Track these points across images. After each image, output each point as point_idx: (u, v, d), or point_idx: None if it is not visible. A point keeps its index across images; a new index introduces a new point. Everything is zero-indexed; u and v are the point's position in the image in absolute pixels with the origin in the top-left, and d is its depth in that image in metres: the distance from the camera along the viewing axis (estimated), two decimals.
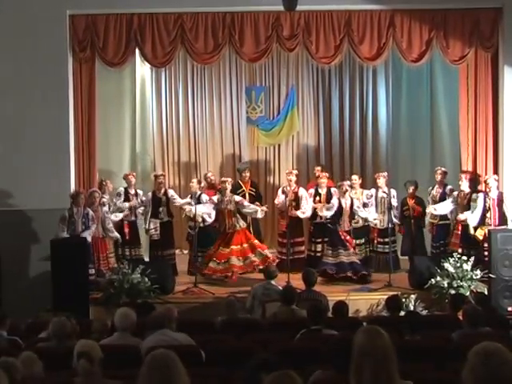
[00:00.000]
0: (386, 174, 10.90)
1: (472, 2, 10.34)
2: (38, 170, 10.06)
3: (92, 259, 9.85)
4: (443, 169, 10.69)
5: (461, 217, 10.06)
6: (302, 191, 10.82)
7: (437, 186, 10.65)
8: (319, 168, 11.66)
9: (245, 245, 10.22)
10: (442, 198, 10.46)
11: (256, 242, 10.38)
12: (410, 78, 12.60)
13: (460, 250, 10.01)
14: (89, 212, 9.80)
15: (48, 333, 6.01)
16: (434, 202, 10.50)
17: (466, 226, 10.12)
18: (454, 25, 10.29)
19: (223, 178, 10.74)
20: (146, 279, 9.22)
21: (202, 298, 9.52)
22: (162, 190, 10.77)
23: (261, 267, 9.91)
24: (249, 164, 12.32)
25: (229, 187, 10.45)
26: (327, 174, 11.13)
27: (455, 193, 10.33)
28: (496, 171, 10.43)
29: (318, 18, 10.30)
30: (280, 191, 10.91)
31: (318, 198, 10.92)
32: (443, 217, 10.49)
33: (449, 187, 10.52)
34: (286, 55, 11.76)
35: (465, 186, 10.22)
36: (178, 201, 10.84)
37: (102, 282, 9.45)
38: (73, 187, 10.12)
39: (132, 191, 10.80)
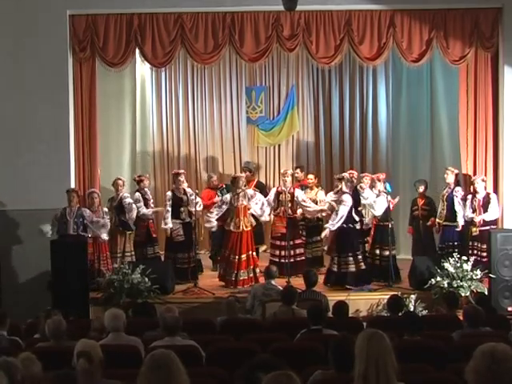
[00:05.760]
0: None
1: (472, 1, 10.34)
2: (37, 170, 10.05)
3: (92, 258, 9.87)
4: (455, 170, 10.39)
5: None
6: (297, 192, 10.48)
7: (447, 186, 10.40)
8: (298, 170, 11.51)
9: (250, 252, 10.04)
10: (450, 200, 10.32)
11: (255, 254, 10.21)
12: (409, 78, 12.59)
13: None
14: (83, 212, 9.75)
15: (40, 334, 6.02)
16: (443, 203, 10.44)
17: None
18: (454, 25, 10.29)
19: (236, 174, 10.52)
20: (146, 279, 9.22)
21: (202, 297, 9.52)
22: (182, 190, 10.48)
23: (246, 287, 9.80)
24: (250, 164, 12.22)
25: (243, 181, 10.25)
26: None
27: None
28: (496, 171, 10.43)
29: (318, 18, 10.29)
30: (273, 190, 10.60)
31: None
32: (449, 218, 10.31)
33: (457, 188, 10.27)
34: (286, 55, 11.75)
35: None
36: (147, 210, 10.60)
37: (102, 281, 9.45)
38: (73, 187, 10.11)
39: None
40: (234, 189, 10.17)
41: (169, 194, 10.53)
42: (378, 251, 10.22)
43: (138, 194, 10.55)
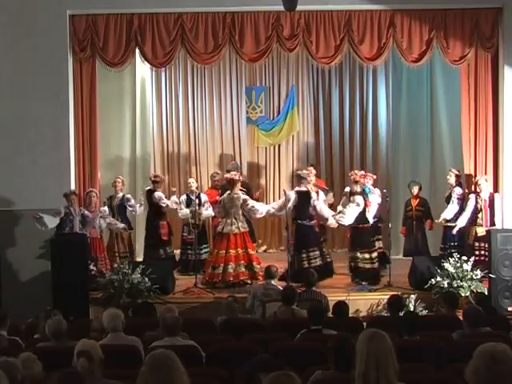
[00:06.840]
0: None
1: (472, 1, 10.34)
2: (38, 170, 10.06)
3: (92, 257, 9.90)
4: (456, 171, 10.39)
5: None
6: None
7: (449, 188, 10.39)
8: (311, 168, 11.39)
9: (240, 250, 9.88)
10: (448, 201, 10.27)
11: (253, 252, 10.10)
12: (409, 78, 12.59)
13: None
14: (84, 212, 9.83)
15: (40, 334, 6.02)
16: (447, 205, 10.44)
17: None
18: (454, 25, 10.29)
19: (232, 175, 10.33)
20: (146, 279, 9.22)
21: (201, 298, 9.52)
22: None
23: (249, 281, 9.73)
24: (237, 165, 12.14)
25: (238, 184, 10.24)
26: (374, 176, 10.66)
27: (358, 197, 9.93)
28: (496, 171, 10.43)
29: (318, 18, 10.29)
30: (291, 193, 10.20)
31: None
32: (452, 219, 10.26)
33: (456, 189, 10.24)
34: (286, 55, 11.76)
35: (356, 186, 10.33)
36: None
37: (103, 282, 9.45)
38: (73, 187, 10.12)
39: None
40: (232, 190, 10.10)
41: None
42: (358, 254, 9.98)
43: (160, 194, 10.81)
